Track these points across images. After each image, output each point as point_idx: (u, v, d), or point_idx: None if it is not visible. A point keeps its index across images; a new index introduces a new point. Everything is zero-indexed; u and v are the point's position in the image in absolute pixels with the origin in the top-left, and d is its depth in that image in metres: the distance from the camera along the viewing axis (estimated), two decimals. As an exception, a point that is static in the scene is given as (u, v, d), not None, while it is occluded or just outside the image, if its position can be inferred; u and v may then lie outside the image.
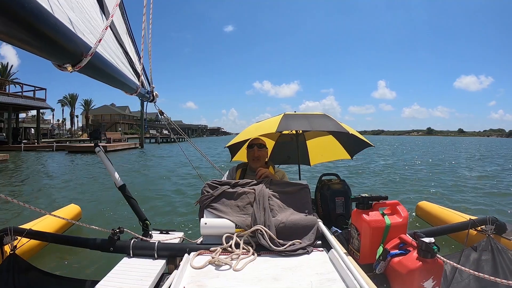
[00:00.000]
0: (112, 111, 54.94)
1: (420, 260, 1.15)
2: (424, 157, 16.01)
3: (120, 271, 1.39)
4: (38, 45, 0.71)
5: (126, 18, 1.90)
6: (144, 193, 5.99)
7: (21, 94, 17.89)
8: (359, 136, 2.22)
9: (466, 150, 24.23)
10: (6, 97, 15.95)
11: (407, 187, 6.88)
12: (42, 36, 0.70)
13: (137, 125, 52.29)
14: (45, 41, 0.72)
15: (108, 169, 1.89)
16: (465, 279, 1.69)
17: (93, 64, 0.96)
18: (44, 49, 0.74)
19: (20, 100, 17.35)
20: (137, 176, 9.04)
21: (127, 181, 6.58)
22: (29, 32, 0.66)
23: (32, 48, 0.70)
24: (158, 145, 28.04)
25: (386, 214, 1.40)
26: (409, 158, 15.24)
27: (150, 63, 2.04)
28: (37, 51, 0.72)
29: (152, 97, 2.18)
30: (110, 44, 1.47)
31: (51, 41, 0.73)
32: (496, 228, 2.01)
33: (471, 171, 9.97)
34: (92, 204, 5.04)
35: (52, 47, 0.76)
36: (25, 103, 17.63)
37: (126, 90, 1.61)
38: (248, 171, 2.16)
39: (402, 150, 22.87)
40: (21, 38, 0.65)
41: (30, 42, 0.69)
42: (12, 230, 1.81)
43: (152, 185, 7.11)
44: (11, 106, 17.35)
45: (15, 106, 17.84)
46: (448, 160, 14.58)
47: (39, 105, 18.96)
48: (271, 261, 1.33)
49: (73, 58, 0.85)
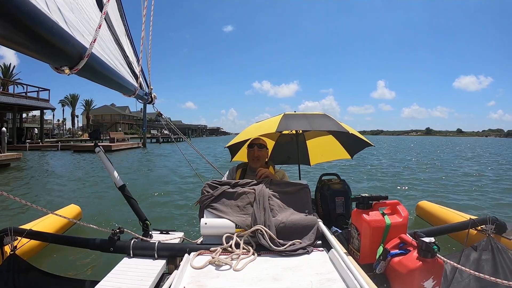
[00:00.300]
0: (112, 111, 55.10)
1: (420, 260, 1.15)
2: (414, 157, 16.35)
3: (120, 271, 1.39)
4: (35, 48, 0.71)
5: (124, 19, 1.89)
6: (150, 190, 6.21)
7: (25, 95, 18.13)
8: (359, 135, 2.22)
9: (460, 150, 24.88)
10: (11, 97, 16.30)
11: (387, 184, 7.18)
12: (38, 39, 0.70)
13: (137, 125, 52.85)
14: (42, 44, 0.72)
15: (108, 169, 1.89)
16: (465, 279, 1.69)
17: (90, 66, 0.96)
18: (41, 52, 0.74)
19: (24, 100, 17.67)
20: (142, 174, 9.36)
21: (134, 179, 6.61)
22: (26, 35, 0.65)
23: (29, 51, 0.70)
24: (159, 145, 28.89)
25: (386, 214, 1.40)
26: (399, 158, 15.47)
27: (149, 65, 2.04)
28: (34, 54, 0.72)
29: (150, 98, 2.18)
30: (109, 45, 1.47)
31: (48, 44, 0.73)
32: (496, 228, 2.01)
33: (458, 169, 10.47)
34: (100, 201, 5.09)
35: (49, 50, 0.75)
36: (29, 103, 17.92)
37: (124, 92, 1.61)
38: (248, 171, 2.16)
39: (394, 150, 23.20)
40: (17, 41, 0.65)
41: (27, 45, 0.68)
42: (12, 231, 1.81)
43: (157, 183, 7.32)
44: (16, 106, 17.60)
45: (20, 107, 18.08)
46: (437, 158, 15.20)
47: (43, 106, 19.26)
48: (271, 261, 1.33)
49: (70, 61, 0.85)
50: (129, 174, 8.94)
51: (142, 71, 1.94)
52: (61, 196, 5.87)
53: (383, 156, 16.37)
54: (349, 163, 10.78)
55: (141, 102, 2.13)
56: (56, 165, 11.91)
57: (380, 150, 22.74)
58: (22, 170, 10.10)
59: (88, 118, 47.51)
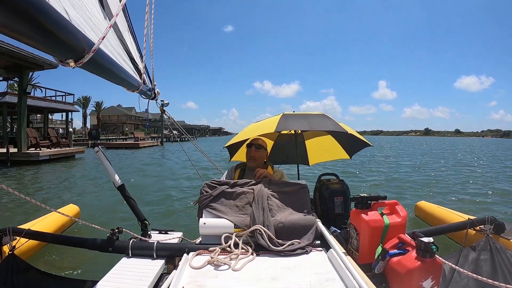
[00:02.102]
0: (119, 111, 56.65)
1: (419, 260, 1.15)
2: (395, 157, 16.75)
3: (119, 271, 1.39)
4: (41, 40, 0.70)
5: (127, 15, 1.89)
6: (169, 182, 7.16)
7: (52, 99, 19.72)
8: (357, 135, 2.22)
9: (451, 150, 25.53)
10: (43, 101, 18.14)
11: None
12: (45, 31, 0.69)
13: (142, 125, 54.73)
14: (48, 36, 0.71)
15: (107, 169, 1.88)
16: (463, 279, 1.69)
17: (95, 61, 0.96)
18: (47, 44, 0.73)
19: (53, 104, 19.25)
20: (164, 166, 11.63)
21: (160, 169, 8.19)
22: (32, 26, 0.65)
23: (34, 42, 0.69)
24: (171, 143, 33.15)
25: (385, 214, 1.40)
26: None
27: (152, 61, 2.03)
28: (39, 45, 0.71)
29: (153, 94, 2.17)
30: (112, 41, 1.47)
31: (54, 36, 0.72)
32: (494, 228, 2.02)
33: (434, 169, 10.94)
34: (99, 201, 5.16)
35: (55, 42, 0.75)
36: (57, 106, 19.52)
37: (128, 87, 1.60)
38: (247, 171, 2.16)
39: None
40: (23, 31, 0.64)
41: (33, 37, 0.68)
42: (11, 230, 1.81)
43: (175, 174, 8.53)
44: (46, 109, 19.07)
45: (49, 109, 19.67)
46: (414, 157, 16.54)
47: (69, 109, 21.17)
48: (270, 261, 1.33)
49: (76, 54, 0.85)
50: (153, 165, 11.59)
51: (146, 67, 1.94)
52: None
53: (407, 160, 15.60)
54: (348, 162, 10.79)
55: (144, 98, 2.13)
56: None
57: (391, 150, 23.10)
58: (83, 159, 13.62)
59: (98, 118, 48.48)
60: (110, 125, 46.34)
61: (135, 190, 5.76)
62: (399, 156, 17.28)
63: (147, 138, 33.73)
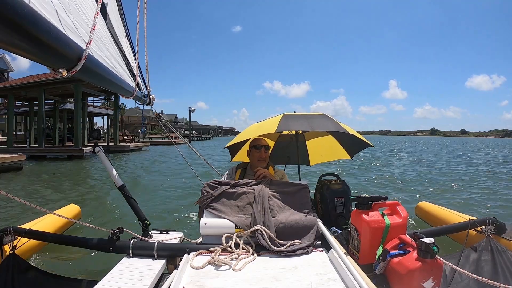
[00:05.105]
0: (138, 113, 58.42)
1: (419, 261, 1.15)
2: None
3: (120, 271, 1.39)
4: (32, 51, 0.70)
5: (124, 20, 1.89)
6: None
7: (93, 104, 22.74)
8: (358, 136, 2.22)
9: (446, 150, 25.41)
10: (99, 108, 22.74)
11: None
12: (35, 42, 0.69)
13: (158, 126, 58.00)
14: (39, 47, 0.71)
15: (107, 169, 1.89)
16: (464, 280, 1.69)
17: (87, 68, 0.96)
18: (38, 55, 0.73)
19: (100, 109, 23.22)
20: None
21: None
22: (23, 38, 0.64)
23: (25, 53, 0.69)
24: (190, 143, 35.64)
25: (385, 214, 1.40)
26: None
27: (147, 66, 2.03)
28: (30, 56, 0.71)
29: (148, 100, 2.18)
30: (108, 46, 1.47)
31: (45, 47, 0.72)
32: (495, 229, 2.02)
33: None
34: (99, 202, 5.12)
35: (46, 53, 0.75)
36: (99, 111, 23.30)
37: (123, 93, 1.61)
38: (248, 171, 2.16)
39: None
40: (13, 43, 0.64)
41: (24, 48, 0.68)
42: (12, 230, 1.81)
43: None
44: (93, 114, 23.39)
45: (95, 114, 23.90)
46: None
47: (109, 113, 24.07)
48: (271, 261, 1.33)
49: (68, 63, 0.85)
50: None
51: (140, 72, 1.94)
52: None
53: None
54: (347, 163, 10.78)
55: (139, 104, 2.13)
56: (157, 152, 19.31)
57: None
58: (148, 151, 18.79)
59: (122, 120, 50.17)
60: (130, 125, 48.46)
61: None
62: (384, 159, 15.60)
63: (179, 137, 36.01)
